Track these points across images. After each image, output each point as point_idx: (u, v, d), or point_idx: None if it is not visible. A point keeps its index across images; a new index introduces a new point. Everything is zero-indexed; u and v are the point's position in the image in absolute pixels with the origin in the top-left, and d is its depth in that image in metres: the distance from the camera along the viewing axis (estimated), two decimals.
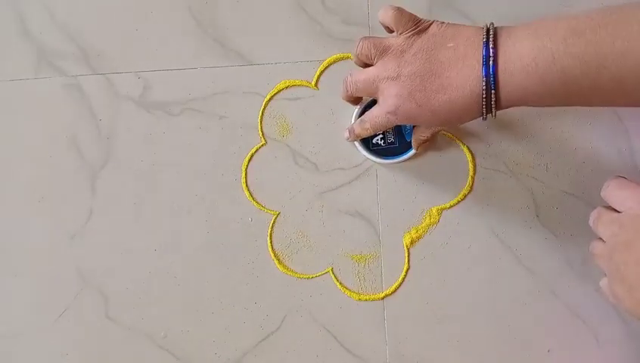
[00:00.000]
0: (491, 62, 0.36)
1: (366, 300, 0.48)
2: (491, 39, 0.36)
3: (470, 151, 0.49)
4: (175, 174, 0.49)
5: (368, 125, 0.44)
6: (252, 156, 0.49)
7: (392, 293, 0.48)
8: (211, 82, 0.50)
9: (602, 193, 0.39)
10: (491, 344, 0.48)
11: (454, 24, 0.39)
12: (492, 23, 0.37)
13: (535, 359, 0.48)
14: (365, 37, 0.42)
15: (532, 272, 0.48)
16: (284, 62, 0.50)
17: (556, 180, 0.48)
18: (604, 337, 0.48)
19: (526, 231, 0.48)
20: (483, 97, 0.37)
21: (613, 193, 0.38)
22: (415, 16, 0.40)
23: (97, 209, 0.49)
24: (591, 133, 0.48)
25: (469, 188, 0.49)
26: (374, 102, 0.45)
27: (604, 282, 0.39)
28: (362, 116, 0.44)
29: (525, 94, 0.37)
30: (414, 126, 0.46)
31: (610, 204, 0.39)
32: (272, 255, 0.49)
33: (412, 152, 0.47)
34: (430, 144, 0.47)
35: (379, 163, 0.48)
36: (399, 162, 0.48)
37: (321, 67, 0.49)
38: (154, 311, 0.49)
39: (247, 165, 0.49)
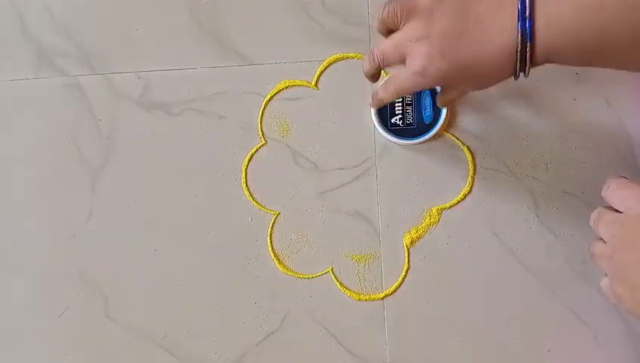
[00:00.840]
0: (527, 14, 0.35)
1: (366, 300, 0.48)
2: None
3: (470, 151, 0.49)
4: (175, 174, 0.49)
5: (392, 88, 0.41)
6: (252, 156, 0.49)
7: (392, 293, 0.48)
8: (211, 82, 0.50)
9: (603, 193, 0.39)
10: (491, 344, 0.48)
11: None
12: None
13: (535, 359, 0.48)
14: (391, 0, 0.40)
15: (532, 272, 0.48)
16: (284, 62, 0.50)
17: (556, 180, 0.48)
18: (604, 337, 0.48)
19: (526, 231, 0.48)
20: (517, 51, 0.36)
21: (614, 193, 0.38)
22: None
23: (97, 209, 0.49)
24: (591, 133, 0.48)
25: (469, 188, 0.49)
26: None
27: (604, 282, 0.39)
28: (387, 78, 0.42)
29: (561, 50, 0.36)
30: (438, 93, 0.45)
31: (611, 204, 0.38)
32: (272, 255, 0.49)
33: (429, 135, 0.47)
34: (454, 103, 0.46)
35: (395, 143, 0.48)
36: (415, 143, 0.48)
37: (321, 67, 0.49)
38: (154, 311, 0.49)
39: (247, 166, 0.49)
